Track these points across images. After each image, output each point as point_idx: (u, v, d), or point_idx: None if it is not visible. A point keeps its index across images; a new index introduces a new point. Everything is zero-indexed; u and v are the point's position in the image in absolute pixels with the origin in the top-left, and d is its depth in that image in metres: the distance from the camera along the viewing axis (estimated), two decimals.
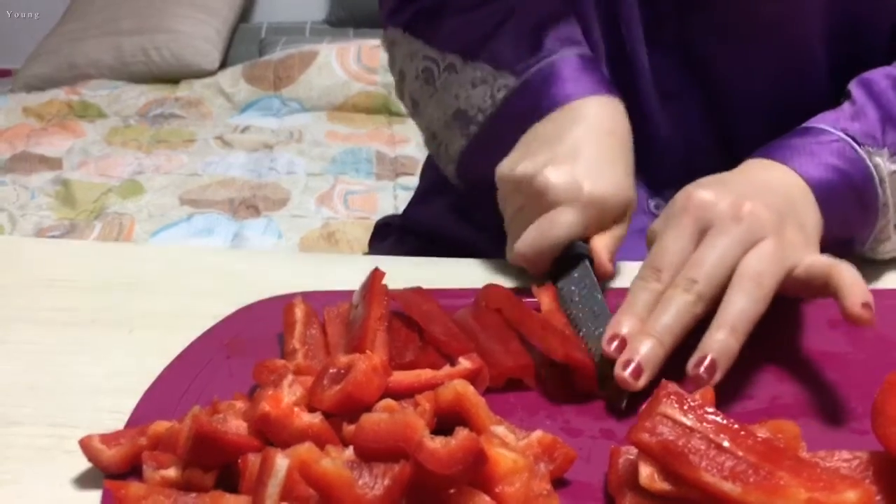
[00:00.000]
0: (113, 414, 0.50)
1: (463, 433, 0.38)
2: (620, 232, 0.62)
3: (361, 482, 0.38)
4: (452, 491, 0.39)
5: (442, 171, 0.78)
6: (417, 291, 0.57)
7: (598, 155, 0.62)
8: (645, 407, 0.41)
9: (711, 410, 0.40)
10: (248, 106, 2.62)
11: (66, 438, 0.48)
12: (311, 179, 2.12)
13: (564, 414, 0.49)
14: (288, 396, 0.44)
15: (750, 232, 0.51)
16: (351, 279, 0.57)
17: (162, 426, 0.45)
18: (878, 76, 0.64)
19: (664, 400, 0.40)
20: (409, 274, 0.64)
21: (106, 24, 2.79)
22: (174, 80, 2.74)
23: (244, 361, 0.53)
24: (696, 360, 0.47)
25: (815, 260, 0.51)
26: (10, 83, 2.85)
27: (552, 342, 0.51)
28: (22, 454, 0.47)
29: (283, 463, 0.38)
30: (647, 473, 0.39)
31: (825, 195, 0.58)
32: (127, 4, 2.84)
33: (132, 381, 0.52)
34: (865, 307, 0.47)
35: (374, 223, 0.99)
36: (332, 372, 0.45)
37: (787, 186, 0.57)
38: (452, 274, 0.66)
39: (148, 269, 0.67)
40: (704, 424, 0.40)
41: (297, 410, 0.43)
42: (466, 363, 0.49)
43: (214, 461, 0.42)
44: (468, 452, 0.37)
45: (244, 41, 2.95)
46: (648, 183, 0.75)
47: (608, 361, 0.50)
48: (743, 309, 0.48)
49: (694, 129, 0.74)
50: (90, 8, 2.89)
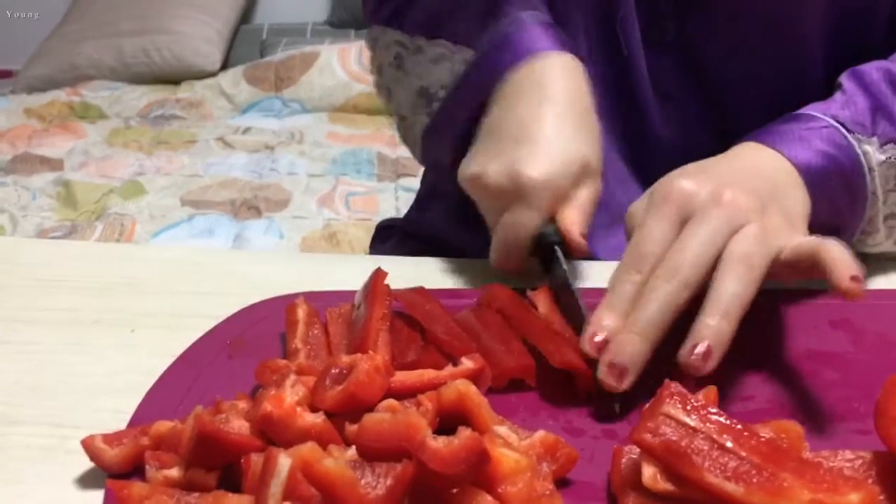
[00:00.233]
0: (115, 414, 0.49)
1: (465, 433, 0.38)
2: (585, 197, 0.60)
3: (364, 482, 0.38)
4: (455, 491, 0.39)
5: (412, 154, 0.77)
6: (419, 291, 0.57)
7: (541, 132, 0.60)
8: (647, 407, 0.41)
9: (714, 411, 0.40)
10: (249, 107, 2.62)
11: (68, 438, 0.48)
12: (312, 180, 2.12)
13: (567, 414, 0.49)
14: (290, 396, 0.44)
15: (732, 219, 0.50)
16: (352, 279, 0.57)
17: (164, 426, 0.45)
18: (869, 68, 0.64)
19: (667, 400, 0.40)
20: (410, 274, 0.64)
21: (107, 25, 2.79)
22: (175, 81, 2.74)
23: (246, 361, 0.53)
24: (688, 347, 0.46)
25: (801, 241, 0.51)
26: (11, 84, 2.86)
27: (549, 346, 0.50)
28: (24, 454, 0.47)
29: (285, 463, 0.38)
30: (649, 474, 0.39)
31: (814, 179, 0.57)
32: (128, 5, 2.84)
33: (134, 381, 0.52)
34: (854, 280, 0.46)
35: (375, 224, 0.99)
36: (334, 372, 0.45)
37: (773, 171, 0.57)
38: (454, 274, 0.66)
39: (149, 269, 0.67)
40: (707, 425, 0.40)
41: (299, 410, 0.43)
42: (469, 363, 0.49)
43: (217, 461, 0.42)
44: (471, 452, 0.37)
45: (245, 42, 2.95)
46: (647, 184, 0.74)
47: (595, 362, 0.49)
48: (734, 293, 0.47)
49: (693, 129, 0.73)
50: (91, 9, 2.89)
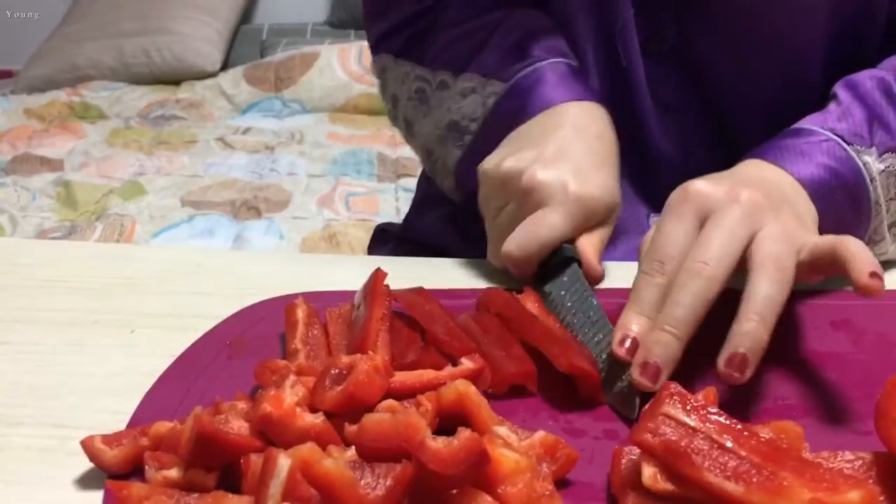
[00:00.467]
0: (114, 414, 0.49)
1: (465, 433, 0.38)
2: (606, 234, 0.62)
3: (363, 482, 0.38)
4: (455, 491, 0.39)
5: (440, 186, 0.78)
6: (419, 292, 0.57)
7: (584, 157, 0.62)
8: (647, 407, 0.41)
9: (714, 411, 0.40)
10: (249, 107, 2.62)
11: (67, 439, 0.48)
12: (312, 181, 2.11)
13: (567, 414, 0.49)
14: (290, 397, 0.44)
15: (751, 215, 0.51)
16: (352, 280, 0.57)
17: (164, 427, 0.45)
18: (863, 77, 0.64)
19: (667, 400, 0.40)
20: (410, 274, 0.64)
21: (107, 25, 2.79)
22: (175, 81, 2.74)
23: (246, 362, 0.53)
24: (727, 356, 0.46)
25: (819, 239, 0.51)
26: (11, 84, 2.86)
27: (554, 349, 0.50)
28: (24, 455, 0.47)
29: (285, 463, 0.38)
30: (649, 474, 0.39)
31: (819, 193, 0.58)
32: (128, 6, 2.84)
33: (134, 381, 0.52)
34: (874, 276, 0.46)
35: (375, 225, 0.99)
36: (333, 372, 0.45)
37: (780, 183, 0.57)
38: (454, 274, 0.66)
39: (149, 269, 0.67)
40: (707, 425, 0.40)
41: (298, 411, 0.43)
42: (468, 363, 0.49)
43: (216, 461, 0.42)
44: (470, 453, 0.37)
45: (245, 42, 2.95)
46: (648, 198, 0.74)
47: (612, 368, 0.49)
48: (769, 295, 0.47)
49: (694, 141, 0.73)
50: (91, 9, 2.89)
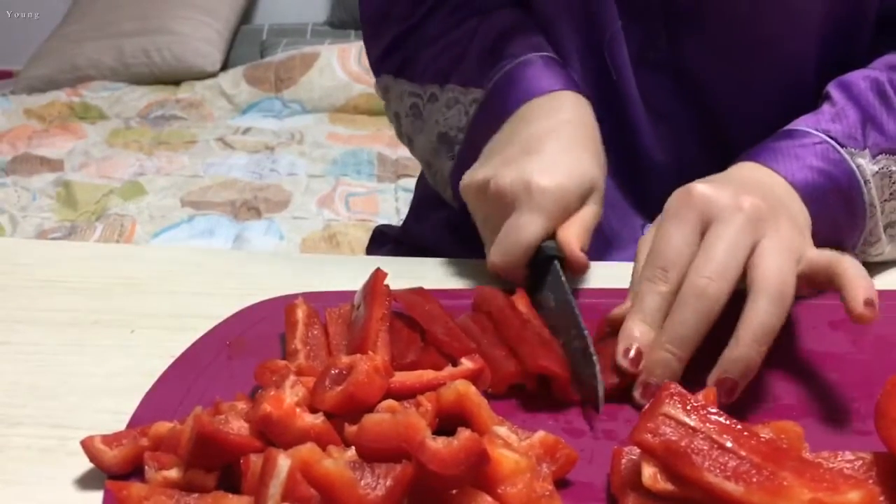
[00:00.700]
0: (114, 415, 0.49)
1: (465, 434, 0.38)
2: (589, 217, 0.61)
3: (363, 483, 0.38)
4: (455, 491, 0.39)
5: (442, 195, 0.78)
6: (419, 292, 0.57)
7: (553, 146, 0.61)
8: (647, 407, 0.41)
9: (714, 411, 0.40)
10: (249, 107, 2.62)
11: (67, 439, 0.48)
12: (312, 181, 2.11)
13: (567, 414, 0.49)
14: (290, 397, 0.44)
15: (752, 222, 0.50)
16: (352, 280, 0.57)
17: (164, 427, 0.45)
18: (856, 78, 0.64)
19: (667, 400, 0.40)
20: (410, 274, 0.64)
21: (107, 25, 2.79)
22: (175, 81, 2.74)
23: (246, 362, 0.53)
24: (716, 378, 0.47)
25: (817, 254, 0.51)
26: (11, 85, 2.85)
27: (525, 349, 0.50)
28: (24, 455, 0.47)
29: (284, 463, 0.38)
30: (649, 474, 0.39)
31: (811, 197, 0.58)
32: (128, 6, 2.84)
33: (134, 381, 0.52)
34: (868, 305, 0.46)
35: (375, 225, 0.99)
36: (333, 372, 0.45)
37: (774, 186, 0.57)
38: (453, 275, 0.66)
39: (149, 269, 0.67)
40: (707, 425, 0.40)
41: (298, 411, 0.43)
42: (468, 363, 0.49)
43: (216, 462, 0.42)
44: (470, 453, 0.37)
45: (245, 42, 2.95)
46: (642, 207, 0.74)
47: (580, 363, 0.50)
48: (768, 322, 0.47)
49: (688, 150, 0.73)
50: (91, 9, 2.89)
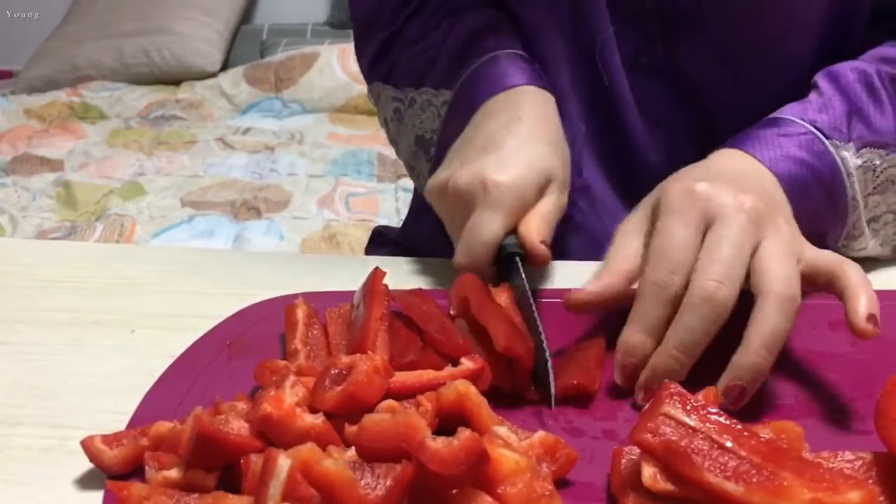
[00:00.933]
0: (114, 415, 0.50)
1: (465, 434, 0.38)
2: (549, 206, 0.60)
3: (363, 483, 0.38)
4: (455, 491, 0.39)
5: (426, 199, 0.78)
6: (416, 292, 0.56)
7: (508, 143, 0.61)
8: (647, 407, 0.41)
9: (714, 411, 0.40)
10: (249, 107, 2.62)
11: (67, 439, 0.48)
12: (312, 181, 2.11)
13: (566, 414, 0.49)
14: (290, 397, 0.44)
15: (754, 222, 0.50)
16: (352, 280, 0.57)
17: (164, 427, 0.45)
18: (844, 69, 0.63)
19: (667, 400, 0.40)
20: (409, 274, 0.64)
21: (107, 25, 2.79)
22: (175, 81, 2.74)
23: (246, 362, 0.53)
24: (726, 384, 0.47)
25: (817, 255, 0.51)
26: (11, 84, 2.86)
27: (497, 329, 0.50)
28: (24, 455, 0.47)
29: (285, 463, 0.38)
30: (649, 474, 0.39)
31: (793, 189, 0.57)
32: (128, 6, 2.84)
33: (134, 381, 0.52)
34: (870, 321, 0.46)
35: (375, 225, 0.99)
36: (333, 373, 0.45)
37: (760, 178, 0.57)
38: (452, 275, 0.66)
39: (149, 269, 0.67)
40: (707, 425, 0.40)
41: (298, 411, 0.43)
42: (468, 363, 0.49)
43: (216, 462, 0.42)
44: (470, 453, 0.37)
45: (245, 43, 2.95)
46: None
47: (536, 363, 0.50)
48: (778, 328, 0.47)
49: (684, 153, 0.71)
50: (91, 9, 2.89)
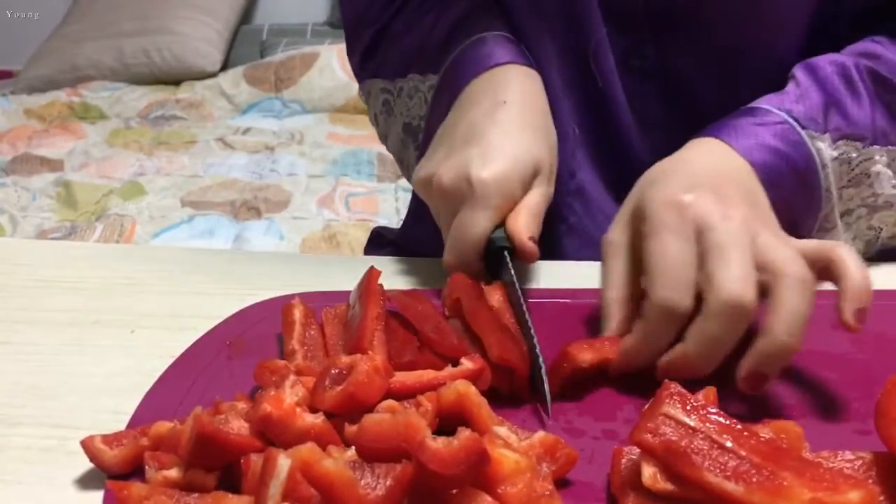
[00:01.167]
0: (114, 415, 0.50)
1: (465, 434, 0.38)
2: (536, 199, 0.59)
3: (363, 482, 0.38)
4: (455, 491, 0.38)
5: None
6: (411, 293, 0.56)
7: (492, 132, 0.60)
8: (647, 407, 0.41)
9: (714, 411, 0.40)
10: (249, 107, 2.62)
11: (67, 439, 0.48)
12: (312, 181, 2.12)
13: (567, 414, 0.49)
14: (290, 397, 0.44)
15: (746, 223, 0.50)
16: (352, 280, 0.57)
17: (164, 427, 0.45)
18: (822, 62, 0.63)
19: (667, 400, 0.40)
20: (408, 274, 0.64)
21: (107, 25, 2.79)
22: (175, 81, 2.75)
23: (246, 362, 0.53)
24: (748, 370, 0.47)
25: (805, 244, 0.50)
26: (11, 84, 2.86)
27: (490, 338, 0.50)
28: (24, 455, 0.47)
29: (285, 463, 0.38)
30: (649, 474, 0.39)
31: (768, 177, 0.57)
32: (128, 6, 2.84)
33: (134, 381, 0.52)
34: (859, 314, 0.46)
35: (375, 225, 0.99)
36: (333, 372, 0.45)
37: (737, 171, 0.56)
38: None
39: (149, 270, 0.67)
40: (707, 425, 0.40)
41: (298, 411, 0.43)
42: (468, 363, 0.48)
43: (216, 462, 0.42)
44: (471, 453, 0.37)
45: (245, 43, 2.96)
46: None
47: (537, 371, 0.50)
48: (796, 309, 0.46)
49: None
50: (91, 9, 2.89)
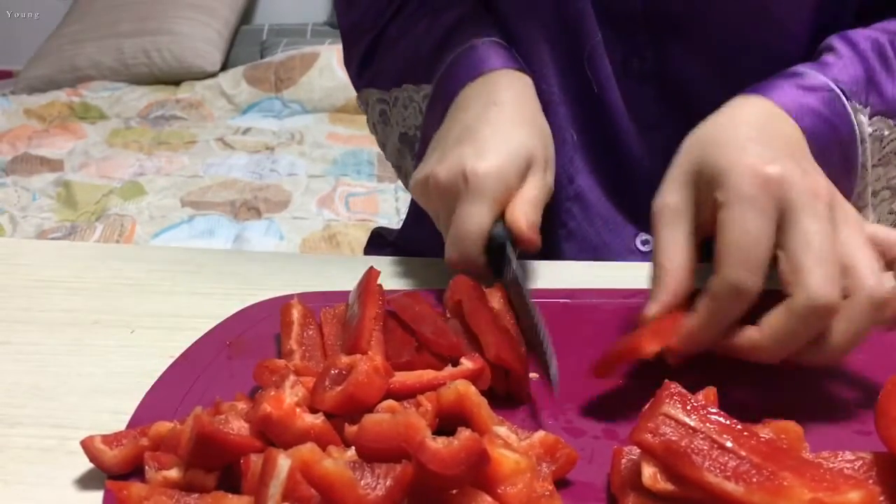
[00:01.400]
0: (114, 415, 0.49)
1: (465, 434, 0.38)
2: (533, 188, 0.59)
3: (363, 483, 0.38)
4: (455, 491, 0.38)
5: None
6: (409, 294, 0.56)
7: (485, 131, 0.60)
8: (647, 407, 0.41)
9: (714, 411, 0.40)
10: (249, 107, 2.62)
11: (67, 439, 0.48)
12: (312, 181, 2.12)
13: (567, 414, 0.49)
14: (290, 397, 0.44)
15: (830, 209, 0.48)
16: (352, 280, 0.57)
17: (164, 427, 0.45)
18: (859, 37, 0.62)
19: (667, 400, 0.40)
20: (407, 275, 0.64)
21: (107, 25, 2.79)
22: (175, 81, 2.75)
23: (246, 362, 0.53)
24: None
25: (877, 231, 0.49)
26: (11, 84, 2.86)
27: (488, 338, 0.50)
28: (24, 455, 0.47)
29: (285, 463, 0.38)
30: (649, 474, 0.39)
31: (816, 144, 0.56)
32: (128, 6, 2.84)
33: (133, 381, 0.52)
34: None
35: (375, 225, 0.99)
36: (333, 373, 0.45)
37: (798, 139, 0.55)
38: (450, 275, 0.66)
39: (149, 269, 0.67)
40: (707, 425, 0.40)
41: (298, 411, 0.43)
42: (468, 363, 0.48)
43: (216, 462, 0.42)
44: (470, 453, 0.37)
45: (245, 43, 2.96)
46: (633, 219, 0.73)
47: (535, 348, 0.50)
48: (861, 331, 0.47)
49: None
50: (91, 9, 2.90)
